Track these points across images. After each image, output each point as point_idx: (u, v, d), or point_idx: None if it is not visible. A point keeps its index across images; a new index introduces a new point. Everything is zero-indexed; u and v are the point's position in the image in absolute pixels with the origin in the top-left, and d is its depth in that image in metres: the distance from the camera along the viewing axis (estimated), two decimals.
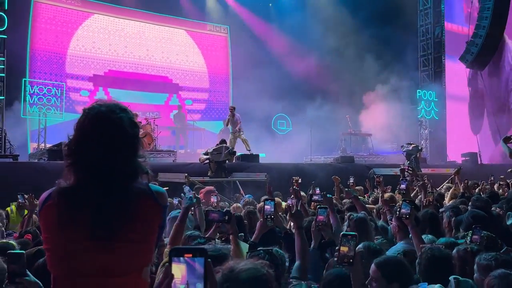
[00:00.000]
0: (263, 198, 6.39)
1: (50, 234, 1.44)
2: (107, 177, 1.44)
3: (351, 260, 2.12)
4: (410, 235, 3.15)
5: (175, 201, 5.11)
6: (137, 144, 1.52)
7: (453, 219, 4.36)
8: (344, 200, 6.03)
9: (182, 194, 4.91)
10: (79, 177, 1.45)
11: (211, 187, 6.66)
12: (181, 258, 1.02)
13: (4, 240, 3.04)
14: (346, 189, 5.40)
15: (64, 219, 1.41)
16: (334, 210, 3.79)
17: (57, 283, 1.44)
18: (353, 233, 2.29)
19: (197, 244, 2.52)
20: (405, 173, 6.16)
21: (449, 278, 2.16)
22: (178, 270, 1.01)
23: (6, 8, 10.16)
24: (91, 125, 1.48)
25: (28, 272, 2.01)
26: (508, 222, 4.02)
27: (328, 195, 4.15)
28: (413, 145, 12.44)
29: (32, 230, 3.91)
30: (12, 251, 2.06)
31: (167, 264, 1.02)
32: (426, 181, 6.22)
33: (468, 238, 2.93)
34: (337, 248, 2.21)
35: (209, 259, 1.03)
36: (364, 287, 2.21)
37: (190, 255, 1.02)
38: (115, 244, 1.40)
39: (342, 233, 2.30)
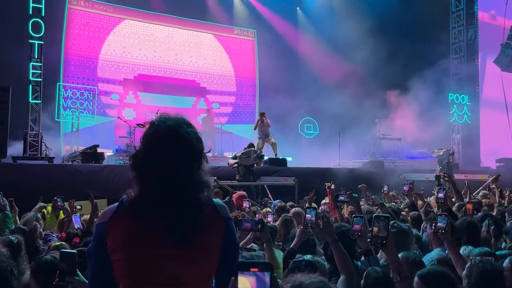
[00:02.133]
0: (289, 203, 6.35)
1: (124, 244, 1.43)
2: (175, 189, 1.45)
3: (384, 241, 2.08)
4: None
5: None
6: (202, 158, 1.54)
7: (492, 227, 4.21)
8: (374, 206, 5.94)
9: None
10: (148, 188, 1.46)
11: (243, 192, 6.65)
12: (249, 272, 1.04)
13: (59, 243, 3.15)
14: (374, 196, 5.31)
15: (139, 228, 1.43)
16: (361, 211, 3.74)
17: None
18: (386, 215, 2.26)
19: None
20: (441, 180, 5.96)
21: None
22: (247, 282, 1.03)
23: (43, 15, 10.47)
24: (160, 139, 1.49)
25: (78, 272, 2.06)
26: None
27: (354, 194, 4.08)
28: (444, 150, 12.14)
29: (79, 232, 4.00)
30: (64, 250, 2.15)
31: (233, 278, 1.03)
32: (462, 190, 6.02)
33: None
34: (369, 229, 2.19)
35: (274, 274, 1.04)
36: (400, 269, 2.18)
37: (256, 270, 1.03)
38: (188, 253, 1.42)
39: (375, 214, 2.27)
